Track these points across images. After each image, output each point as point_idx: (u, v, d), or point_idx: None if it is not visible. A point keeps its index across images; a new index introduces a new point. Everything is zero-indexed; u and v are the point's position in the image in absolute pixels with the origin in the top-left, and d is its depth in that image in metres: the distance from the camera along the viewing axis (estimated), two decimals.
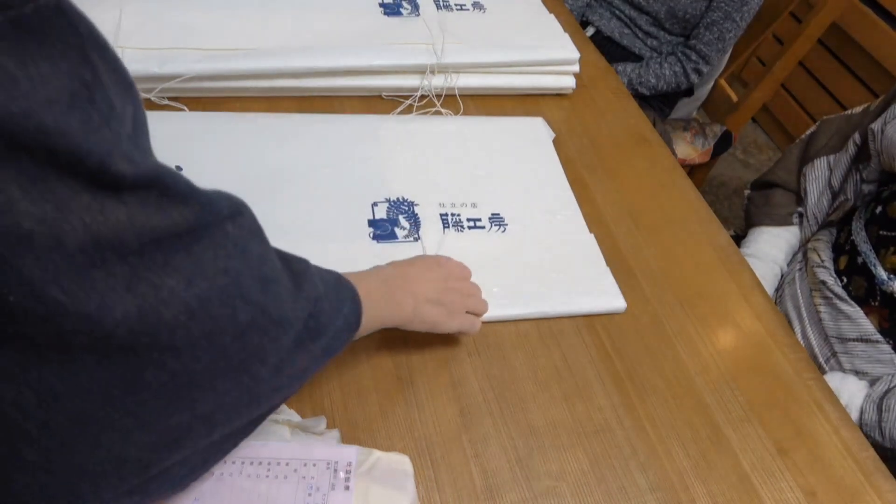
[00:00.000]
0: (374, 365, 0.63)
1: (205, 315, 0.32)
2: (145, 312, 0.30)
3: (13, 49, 0.25)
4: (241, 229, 0.36)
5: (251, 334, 0.35)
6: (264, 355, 0.37)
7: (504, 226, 0.78)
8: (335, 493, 0.52)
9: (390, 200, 0.77)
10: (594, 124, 0.97)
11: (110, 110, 0.29)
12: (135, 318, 0.29)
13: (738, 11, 1.31)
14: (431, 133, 0.88)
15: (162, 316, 0.30)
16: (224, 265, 0.34)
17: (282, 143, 0.82)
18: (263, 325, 0.36)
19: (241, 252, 0.35)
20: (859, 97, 1.96)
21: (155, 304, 0.30)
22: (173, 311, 0.31)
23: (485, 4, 1.05)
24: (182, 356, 0.32)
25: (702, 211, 0.88)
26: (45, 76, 0.26)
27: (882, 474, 0.64)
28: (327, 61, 0.86)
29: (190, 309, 0.32)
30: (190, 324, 0.32)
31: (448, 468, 0.57)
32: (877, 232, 0.84)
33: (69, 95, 0.27)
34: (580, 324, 0.71)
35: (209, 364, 0.34)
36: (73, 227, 0.27)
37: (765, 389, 0.69)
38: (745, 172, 2.20)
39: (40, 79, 0.26)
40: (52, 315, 0.27)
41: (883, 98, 0.94)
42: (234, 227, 0.35)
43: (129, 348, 0.30)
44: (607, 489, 0.58)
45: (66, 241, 0.27)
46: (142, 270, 0.30)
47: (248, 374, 0.36)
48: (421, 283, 0.59)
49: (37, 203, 0.26)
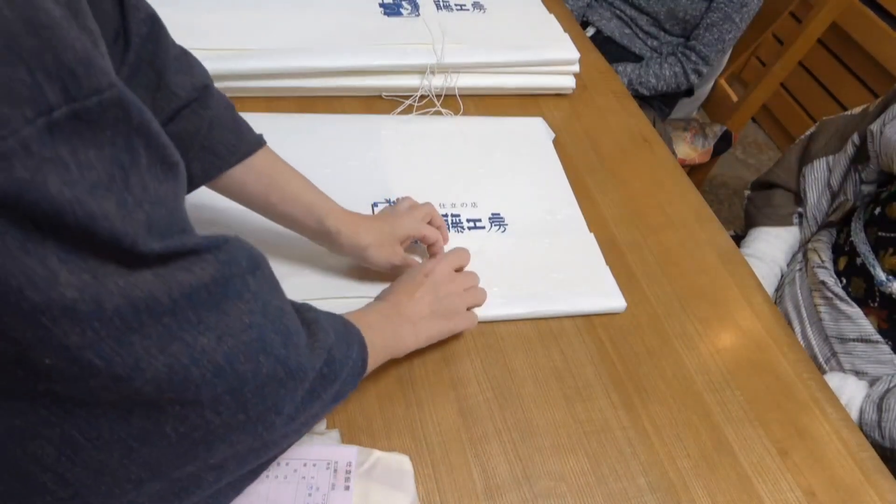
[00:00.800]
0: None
1: (231, 372, 0.34)
2: (175, 371, 0.31)
3: (69, 138, 0.27)
4: (261, 283, 0.37)
5: (270, 387, 0.37)
6: (281, 406, 0.38)
7: (504, 226, 0.78)
8: (335, 493, 0.52)
9: (390, 201, 0.77)
10: (594, 124, 0.97)
11: (144, 192, 0.30)
12: (164, 376, 0.31)
13: (737, 12, 1.31)
14: (431, 133, 0.88)
15: (190, 374, 0.32)
16: (249, 320, 0.35)
17: (282, 144, 0.81)
18: (282, 377, 0.37)
19: (262, 306, 0.36)
20: (859, 97, 1.96)
21: (186, 363, 0.31)
22: (202, 369, 0.32)
23: (485, 4, 1.05)
24: (204, 411, 0.33)
25: (702, 211, 0.88)
26: (92, 162, 0.28)
27: (882, 474, 0.64)
28: (327, 61, 0.86)
29: (218, 367, 0.33)
30: (216, 381, 0.33)
31: (448, 468, 0.57)
32: (876, 233, 0.84)
33: (108, 179, 0.28)
34: (580, 324, 0.71)
35: (228, 418, 0.35)
36: (109, 291, 0.28)
37: (765, 389, 0.69)
38: (745, 172, 2.20)
39: (87, 165, 0.27)
40: (86, 376, 0.28)
41: (882, 99, 0.94)
42: (255, 281, 0.36)
43: (152, 404, 0.31)
44: (607, 489, 0.58)
45: (105, 306, 0.28)
46: (176, 330, 0.31)
47: (263, 425, 0.37)
48: (413, 306, 0.60)
49: (75, 273, 0.27)
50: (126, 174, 0.29)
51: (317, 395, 0.42)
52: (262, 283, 0.37)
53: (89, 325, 0.28)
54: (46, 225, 0.26)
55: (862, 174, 0.92)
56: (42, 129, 0.25)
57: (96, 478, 0.32)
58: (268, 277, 0.38)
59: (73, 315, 0.27)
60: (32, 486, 0.31)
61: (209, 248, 0.33)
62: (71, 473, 0.31)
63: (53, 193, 0.26)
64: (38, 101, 0.25)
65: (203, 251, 0.33)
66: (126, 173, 0.29)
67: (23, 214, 0.25)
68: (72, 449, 0.30)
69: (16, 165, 0.25)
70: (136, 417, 0.31)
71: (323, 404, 0.44)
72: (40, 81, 0.25)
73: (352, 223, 0.64)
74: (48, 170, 0.26)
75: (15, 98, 0.25)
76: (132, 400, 0.31)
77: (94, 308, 0.28)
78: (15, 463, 0.30)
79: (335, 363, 0.44)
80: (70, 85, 0.26)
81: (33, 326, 0.27)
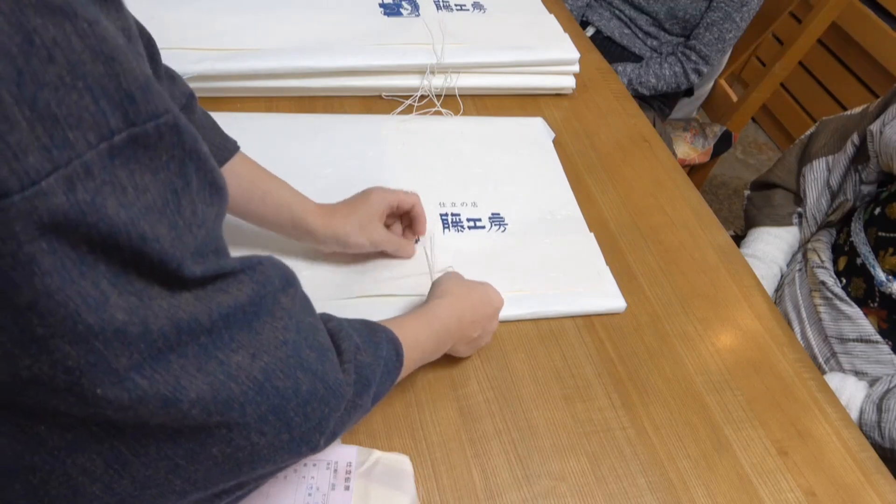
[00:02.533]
0: None
1: (271, 388, 0.34)
2: (217, 389, 0.32)
3: (127, 162, 0.28)
4: (293, 301, 0.37)
5: (313, 405, 0.37)
6: (325, 425, 0.39)
7: (504, 225, 0.78)
8: (335, 493, 0.52)
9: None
10: (594, 124, 0.97)
11: (193, 215, 0.31)
12: (208, 396, 0.31)
13: (738, 12, 1.31)
14: (431, 133, 0.88)
15: (232, 391, 0.32)
16: (283, 337, 0.36)
17: (282, 144, 0.82)
18: (323, 394, 0.38)
19: (296, 324, 0.37)
20: (859, 97, 1.96)
21: (225, 379, 0.32)
22: (242, 385, 0.33)
23: (485, 5, 1.05)
24: (249, 432, 0.34)
25: (702, 211, 0.88)
26: (147, 185, 0.29)
27: (882, 474, 0.64)
28: (328, 61, 0.86)
29: (257, 382, 0.33)
30: (258, 399, 0.34)
31: (448, 468, 0.57)
32: (876, 233, 0.84)
33: (162, 203, 0.29)
34: (580, 324, 0.71)
35: (273, 438, 0.35)
36: (155, 314, 0.29)
37: (765, 389, 0.69)
38: (745, 172, 2.20)
39: (143, 188, 0.28)
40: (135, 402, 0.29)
41: (882, 99, 0.94)
42: (288, 299, 0.37)
43: (200, 427, 0.32)
44: (607, 489, 0.58)
45: (151, 327, 0.29)
46: (211, 349, 0.32)
47: (308, 445, 0.38)
48: (468, 328, 0.59)
49: (123, 295, 0.28)
50: (178, 198, 0.30)
51: (355, 405, 0.43)
52: (295, 301, 0.38)
53: (136, 348, 0.29)
54: (100, 247, 0.27)
55: (862, 174, 0.92)
56: (104, 153, 0.26)
57: (142, 489, 0.32)
58: (300, 295, 0.39)
59: (123, 337, 0.28)
60: (81, 493, 0.31)
61: (244, 270, 0.34)
62: (118, 484, 0.32)
63: (111, 215, 0.27)
64: (101, 126, 0.26)
65: (239, 273, 0.34)
66: (178, 197, 0.30)
67: (81, 237, 0.26)
68: (120, 463, 0.31)
69: (78, 188, 0.26)
70: (183, 439, 0.32)
71: (364, 410, 0.45)
72: (104, 108, 0.26)
73: (327, 215, 0.64)
74: (107, 192, 0.27)
75: (80, 123, 0.26)
76: (181, 423, 0.31)
77: (143, 330, 0.29)
78: (65, 472, 0.31)
79: (365, 368, 0.44)
80: (130, 110, 0.27)
81: (87, 351, 0.27)
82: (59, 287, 0.26)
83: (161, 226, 0.29)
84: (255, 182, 0.62)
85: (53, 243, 0.26)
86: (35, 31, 0.25)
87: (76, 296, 0.26)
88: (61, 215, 0.25)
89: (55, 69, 0.25)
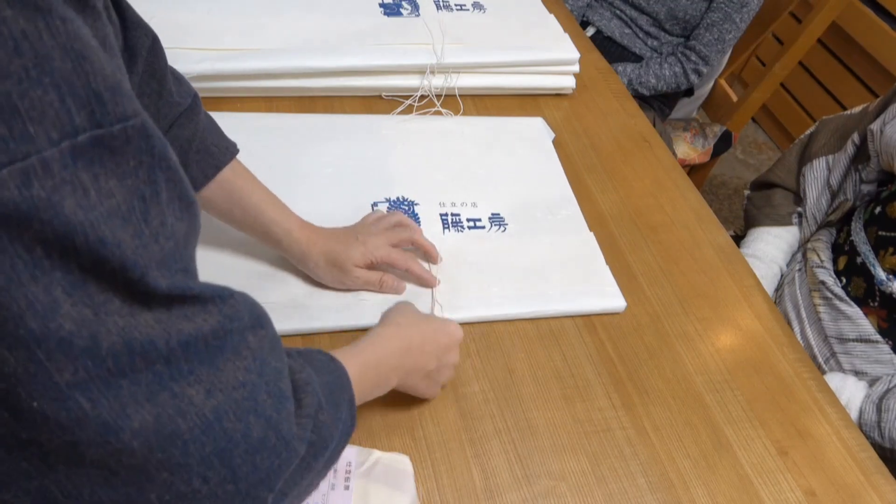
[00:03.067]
0: None
1: (219, 429, 0.32)
2: (163, 422, 0.30)
3: (91, 164, 0.27)
4: (261, 342, 0.35)
5: (262, 455, 0.34)
6: (273, 481, 0.35)
7: (504, 225, 0.78)
8: (335, 493, 0.52)
9: (390, 200, 0.77)
10: (594, 124, 0.97)
11: (161, 226, 0.30)
12: (152, 428, 0.29)
13: (737, 12, 1.31)
14: (432, 133, 0.88)
15: (178, 427, 0.30)
16: (242, 378, 0.34)
17: (282, 143, 0.82)
18: (275, 444, 0.35)
19: (259, 366, 0.35)
20: (859, 97, 1.96)
21: (173, 414, 0.30)
22: (189, 422, 0.31)
23: (485, 5, 1.05)
24: (192, 476, 0.31)
25: (702, 211, 0.88)
26: (112, 190, 0.27)
27: (882, 474, 0.64)
28: (327, 61, 0.86)
29: (206, 421, 0.31)
30: (203, 438, 0.31)
31: (448, 468, 0.57)
32: (876, 232, 0.84)
33: (128, 209, 0.28)
34: (580, 324, 0.71)
35: (216, 486, 0.32)
36: (108, 330, 0.28)
37: (765, 389, 0.69)
38: (745, 172, 2.20)
39: (108, 193, 0.27)
40: (73, 423, 0.27)
41: (882, 98, 0.94)
42: (256, 339, 0.35)
43: (139, 467, 0.30)
44: (607, 489, 0.58)
45: (101, 344, 0.27)
46: (166, 379, 0.30)
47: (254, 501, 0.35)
48: (420, 359, 0.56)
49: (77, 306, 0.27)
50: (146, 206, 0.29)
51: (308, 466, 0.39)
52: (264, 343, 0.36)
53: (82, 364, 0.27)
54: (57, 252, 0.26)
55: (862, 173, 0.92)
56: (65, 151, 0.26)
57: None
58: (270, 337, 0.37)
59: (68, 349, 0.27)
60: None
61: (213, 299, 0.33)
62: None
63: (67, 214, 0.26)
64: (64, 123, 0.26)
65: (207, 301, 0.32)
66: (146, 205, 0.29)
67: (34, 237, 0.25)
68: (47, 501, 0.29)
69: (34, 184, 0.25)
70: (120, 481, 0.30)
71: (315, 474, 0.41)
72: (69, 105, 0.26)
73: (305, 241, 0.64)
74: (66, 192, 0.26)
75: (43, 119, 0.25)
76: (118, 461, 0.29)
77: (90, 345, 0.27)
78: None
79: (323, 428, 0.40)
80: (97, 110, 0.27)
81: (27, 359, 0.26)
82: (3, 286, 0.25)
83: (124, 232, 0.28)
84: (244, 190, 0.62)
85: (3, 239, 0.25)
86: (4, 22, 0.24)
87: (22, 299, 0.25)
88: (12, 208, 0.24)
89: (21, 61, 0.25)
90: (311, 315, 0.64)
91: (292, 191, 0.76)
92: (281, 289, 0.66)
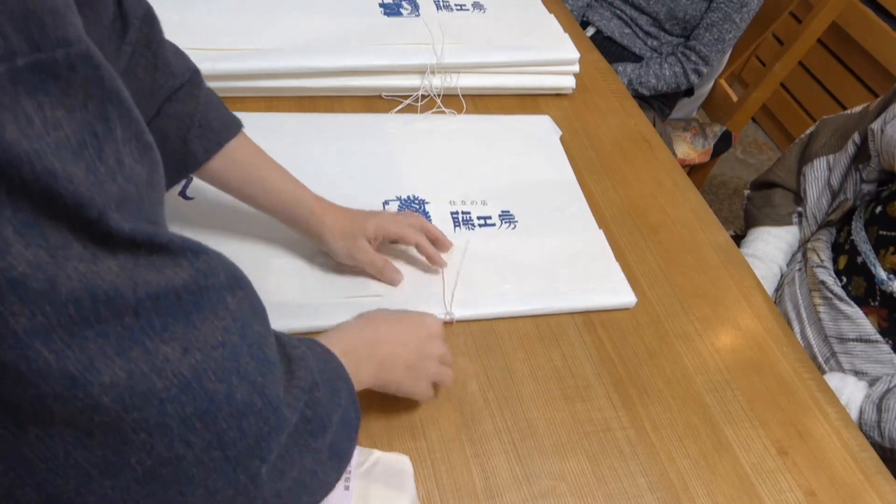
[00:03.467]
0: None
1: (199, 389, 0.30)
2: (136, 379, 0.28)
3: (33, 90, 0.25)
4: (241, 304, 0.34)
5: (248, 419, 0.32)
6: (264, 450, 0.33)
7: (514, 223, 0.78)
8: (335, 493, 0.52)
9: (401, 199, 0.78)
10: (594, 124, 0.97)
11: (118, 165, 0.28)
12: (123, 385, 0.27)
13: (737, 12, 1.31)
14: (439, 132, 0.89)
15: (153, 385, 0.28)
16: (222, 338, 0.32)
17: (286, 143, 0.81)
18: (262, 409, 0.33)
19: (240, 327, 0.33)
20: (859, 97, 1.96)
21: (147, 371, 0.28)
22: (165, 381, 0.29)
23: (485, 5, 1.05)
24: (173, 439, 0.29)
25: (702, 211, 0.88)
26: (60, 122, 0.26)
27: (882, 474, 0.64)
28: (328, 61, 0.86)
29: (184, 380, 0.29)
30: (182, 397, 0.29)
31: (448, 468, 0.57)
32: (876, 232, 0.84)
33: (78, 144, 0.26)
34: (580, 323, 0.71)
35: (201, 452, 0.31)
36: (67, 276, 0.26)
37: (765, 389, 0.69)
38: (745, 172, 2.20)
39: (55, 124, 0.25)
40: (35, 375, 0.26)
41: (882, 98, 0.94)
42: (235, 300, 0.33)
43: (114, 426, 0.28)
44: (607, 489, 0.58)
45: (59, 289, 0.26)
46: (138, 334, 0.28)
47: (246, 473, 0.33)
48: (393, 351, 0.54)
49: (30, 248, 0.25)
50: (99, 143, 0.27)
51: (306, 444, 0.37)
52: (243, 305, 0.34)
53: (40, 309, 0.25)
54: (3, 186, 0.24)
55: (862, 173, 0.92)
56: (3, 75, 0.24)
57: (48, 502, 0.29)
58: (251, 301, 0.35)
59: (22, 291, 0.25)
60: None
61: (184, 252, 0.30)
62: (21, 492, 0.28)
63: (10, 142, 0.24)
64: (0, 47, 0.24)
65: (177, 254, 0.30)
66: (99, 142, 0.27)
67: None
68: (24, 467, 0.28)
69: None
70: (96, 443, 0.28)
71: (318, 459, 0.38)
72: (5, 28, 0.24)
73: (323, 211, 0.64)
74: (7, 119, 0.24)
75: None
76: (90, 419, 0.27)
77: (48, 288, 0.25)
78: None
79: (319, 405, 0.38)
80: (37, 34, 0.25)
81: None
82: None
83: (76, 167, 0.26)
84: (255, 164, 0.62)
85: None
86: None
87: None
88: None
89: None
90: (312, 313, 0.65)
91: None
92: (281, 287, 0.66)
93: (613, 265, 0.76)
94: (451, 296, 0.69)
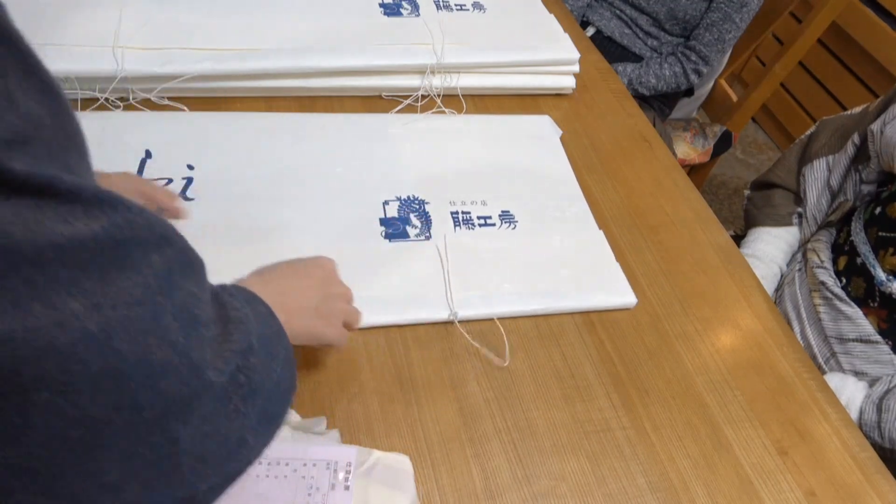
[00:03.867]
0: (374, 365, 0.63)
1: (107, 347, 0.27)
2: (33, 330, 0.25)
3: None
4: (169, 261, 0.31)
5: (167, 381, 0.30)
6: (183, 412, 0.31)
7: (514, 223, 0.78)
8: (335, 493, 0.52)
9: (401, 199, 0.78)
10: (594, 124, 0.97)
11: (8, 102, 0.25)
12: (20, 336, 0.25)
13: (737, 12, 1.31)
14: (439, 132, 0.89)
15: (55, 339, 0.26)
16: (140, 296, 0.29)
17: (286, 143, 0.82)
18: (180, 370, 0.31)
19: (164, 286, 0.30)
20: (859, 97, 1.96)
21: (48, 324, 0.26)
22: (70, 336, 0.26)
23: (485, 5, 1.05)
24: (79, 398, 0.27)
25: (702, 211, 0.88)
26: None
27: (882, 474, 0.64)
28: (328, 61, 0.86)
29: (90, 336, 0.27)
30: (87, 356, 0.27)
31: (448, 468, 0.57)
32: (876, 233, 0.84)
33: None
34: (580, 323, 0.71)
35: (113, 412, 0.28)
36: None
37: (765, 389, 0.69)
38: (745, 172, 2.20)
39: None
40: None
41: (882, 99, 0.94)
42: (162, 258, 0.31)
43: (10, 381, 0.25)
44: (607, 489, 0.58)
45: None
46: (41, 287, 0.26)
47: (164, 435, 0.30)
48: (297, 298, 0.52)
49: None
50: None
51: (235, 409, 0.34)
52: (172, 263, 0.31)
53: None
54: None
55: (862, 174, 0.92)
56: None
57: None
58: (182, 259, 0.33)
59: None
60: None
61: (99, 203, 0.28)
62: None
63: None
64: None
65: (91, 204, 0.27)
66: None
67: None
68: None
69: None
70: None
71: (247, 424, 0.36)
72: None
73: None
74: None
75: None
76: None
77: None
78: None
79: (253, 371, 0.36)
80: None
81: None
82: None
83: None
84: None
85: None
86: None
87: None
88: None
89: None
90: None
91: (300, 190, 0.76)
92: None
93: (613, 265, 0.76)
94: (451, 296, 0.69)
